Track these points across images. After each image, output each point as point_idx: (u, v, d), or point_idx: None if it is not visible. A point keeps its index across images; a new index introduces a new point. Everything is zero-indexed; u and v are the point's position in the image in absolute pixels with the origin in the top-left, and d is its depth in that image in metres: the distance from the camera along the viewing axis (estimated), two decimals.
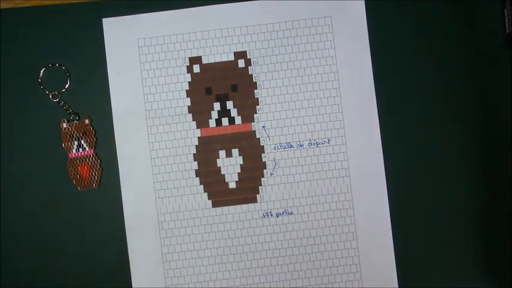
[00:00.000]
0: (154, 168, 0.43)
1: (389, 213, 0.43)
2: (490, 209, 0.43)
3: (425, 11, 0.43)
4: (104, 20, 0.43)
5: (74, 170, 0.42)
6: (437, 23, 0.43)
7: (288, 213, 0.43)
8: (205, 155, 0.43)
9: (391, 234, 0.43)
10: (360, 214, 0.43)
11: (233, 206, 0.43)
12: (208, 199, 0.43)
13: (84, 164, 0.42)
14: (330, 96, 0.43)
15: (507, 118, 0.43)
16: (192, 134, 0.43)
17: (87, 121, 0.43)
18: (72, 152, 0.43)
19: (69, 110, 0.43)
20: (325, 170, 0.43)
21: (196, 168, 0.43)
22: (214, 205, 0.43)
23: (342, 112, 0.43)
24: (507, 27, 0.42)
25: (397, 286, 0.42)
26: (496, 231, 0.43)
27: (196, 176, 0.43)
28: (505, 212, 0.43)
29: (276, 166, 0.43)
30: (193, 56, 0.43)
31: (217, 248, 0.43)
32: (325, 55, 0.43)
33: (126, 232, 0.42)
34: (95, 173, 0.43)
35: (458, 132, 0.43)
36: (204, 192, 0.43)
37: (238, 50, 0.43)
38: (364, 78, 0.43)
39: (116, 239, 0.43)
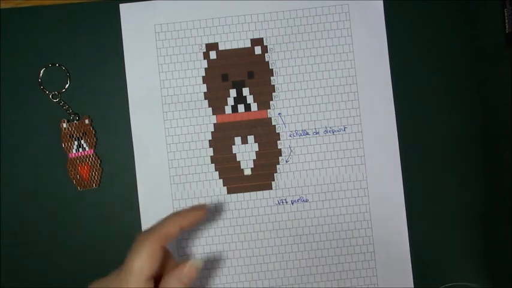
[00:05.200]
0: (169, 154, 0.43)
1: (404, 202, 0.43)
2: (490, 209, 0.43)
3: (428, 11, 0.43)
4: (120, 5, 0.43)
5: (74, 170, 0.42)
6: (437, 23, 0.43)
7: (303, 200, 0.43)
8: (221, 142, 0.43)
9: (405, 222, 0.43)
10: (374, 202, 0.43)
11: (248, 193, 0.43)
12: (224, 186, 0.43)
13: (84, 164, 0.42)
14: (346, 84, 0.43)
15: (507, 118, 0.43)
16: (207, 120, 0.43)
17: (87, 121, 0.43)
18: (72, 152, 0.42)
19: (69, 110, 0.43)
20: (341, 158, 0.43)
21: (212, 154, 0.43)
22: (229, 192, 0.43)
23: (358, 100, 0.43)
24: (507, 27, 0.42)
25: (411, 274, 0.42)
26: (496, 232, 0.43)
27: (212, 163, 0.43)
28: (505, 212, 0.43)
29: (292, 153, 0.43)
30: (210, 42, 0.43)
31: (231, 234, 0.43)
32: (341, 42, 0.43)
33: (141, 217, 0.42)
34: (95, 173, 0.42)
35: (458, 132, 0.43)
36: (219, 178, 0.43)
37: (255, 37, 0.43)
38: (380, 66, 0.43)
39: (116, 239, 0.42)
